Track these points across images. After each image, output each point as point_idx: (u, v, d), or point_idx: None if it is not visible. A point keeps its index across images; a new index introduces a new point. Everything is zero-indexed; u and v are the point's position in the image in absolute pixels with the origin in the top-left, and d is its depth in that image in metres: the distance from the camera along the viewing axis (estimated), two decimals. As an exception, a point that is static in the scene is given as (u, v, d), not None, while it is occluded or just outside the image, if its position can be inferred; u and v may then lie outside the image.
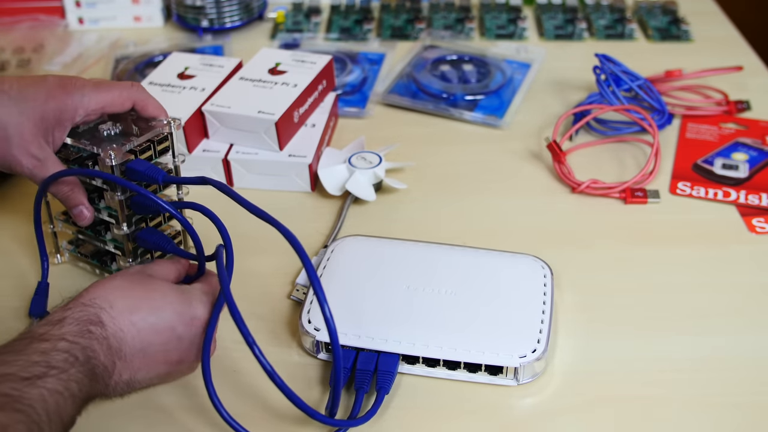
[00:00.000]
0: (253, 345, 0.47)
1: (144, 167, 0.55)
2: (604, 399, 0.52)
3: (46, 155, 0.56)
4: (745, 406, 0.52)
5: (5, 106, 0.55)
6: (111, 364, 0.47)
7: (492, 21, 1.01)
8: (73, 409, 0.43)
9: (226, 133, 0.73)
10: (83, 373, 0.44)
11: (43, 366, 0.43)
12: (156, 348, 0.49)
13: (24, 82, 0.57)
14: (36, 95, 0.56)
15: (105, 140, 0.57)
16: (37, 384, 0.41)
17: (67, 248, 0.63)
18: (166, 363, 0.50)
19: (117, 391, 0.48)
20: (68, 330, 0.45)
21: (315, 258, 0.63)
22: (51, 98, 0.56)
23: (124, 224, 0.57)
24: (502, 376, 0.53)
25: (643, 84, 0.78)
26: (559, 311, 0.58)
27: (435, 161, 0.75)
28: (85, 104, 0.57)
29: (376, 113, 0.83)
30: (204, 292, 0.52)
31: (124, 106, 0.58)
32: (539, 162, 0.75)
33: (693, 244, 0.65)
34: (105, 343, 0.46)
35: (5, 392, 0.40)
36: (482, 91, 0.85)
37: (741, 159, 0.75)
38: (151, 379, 0.50)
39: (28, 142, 0.56)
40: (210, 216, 0.53)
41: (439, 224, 0.68)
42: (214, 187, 0.54)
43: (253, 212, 0.52)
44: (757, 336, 0.57)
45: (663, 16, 1.01)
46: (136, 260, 0.59)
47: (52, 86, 0.57)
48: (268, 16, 1.03)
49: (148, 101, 0.59)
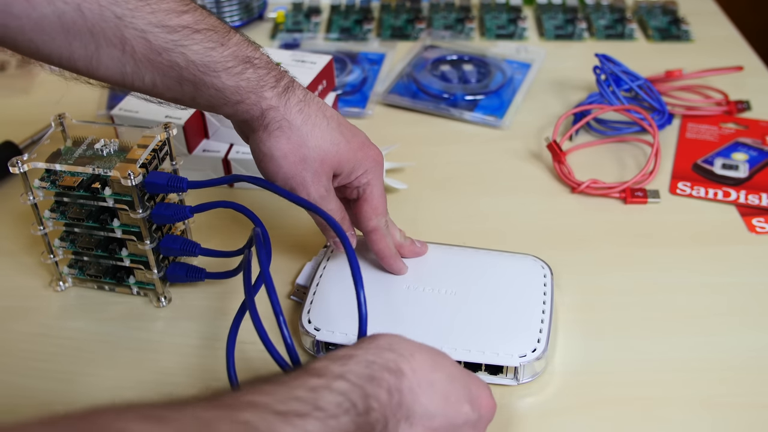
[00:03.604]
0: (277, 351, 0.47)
1: (165, 179, 0.55)
2: (604, 399, 0.53)
3: (331, 190, 0.55)
4: (745, 406, 0.52)
5: (322, 130, 0.54)
6: (394, 423, 0.38)
7: (492, 21, 1.01)
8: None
9: (226, 133, 0.73)
10: (356, 427, 0.36)
11: (307, 404, 0.35)
12: (440, 421, 0.41)
13: (345, 122, 0.56)
14: (351, 139, 0.55)
15: (107, 159, 0.56)
16: (293, 422, 0.34)
17: (70, 273, 0.61)
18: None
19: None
20: (353, 369, 0.38)
21: (315, 258, 0.63)
22: (358, 150, 0.55)
23: (148, 239, 0.56)
24: (502, 376, 0.53)
25: (643, 84, 0.78)
26: (559, 311, 0.58)
27: (435, 161, 0.75)
28: (360, 178, 0.56)
29: (376, 113, 0.83)
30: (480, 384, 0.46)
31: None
32: (539, 162, 0.75)
33: (693, 244, 0.65)
34: (398, 396, 0.39)
35: (248, 420, 0.33)
36: (482, 91, 0.85)
37: (741, 159, 0.75)
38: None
39: (321, 173, 0.54)
40: (242, 211, 0.55)
41: (439, 224, 0.68)
42: (249, 182, 0.55)
43: (296, 202, 0.54)
44: (757, 336, 0.57)
45: (663, 16, 1.01)
46: (161, 271, 0.58)
47: (364, 141, 0.56)
48: (268, 16, 1.03)
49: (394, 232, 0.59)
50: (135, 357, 0.56)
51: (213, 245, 0.59)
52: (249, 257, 0.53)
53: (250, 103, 0.52)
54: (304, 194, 0.54)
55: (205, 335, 0.58)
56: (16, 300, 0.61)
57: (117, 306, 0.60)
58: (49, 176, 0.57)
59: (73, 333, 0.58)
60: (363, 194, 0.57)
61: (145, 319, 0.59)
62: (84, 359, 0.56)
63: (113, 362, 0.56)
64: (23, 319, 0.59)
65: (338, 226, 0.52)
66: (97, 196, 0.56)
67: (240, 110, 0.53)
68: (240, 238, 0.58)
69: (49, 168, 0.56)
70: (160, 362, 0.56)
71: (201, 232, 0.65)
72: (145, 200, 0.55)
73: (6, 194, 0.72)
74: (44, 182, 0.57)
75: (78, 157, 0.57)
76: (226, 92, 0.52)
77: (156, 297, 0.60)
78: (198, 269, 0.59)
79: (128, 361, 0.56)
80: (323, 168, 0.54)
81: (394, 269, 0.58)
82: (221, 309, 0.60)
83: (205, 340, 0.57)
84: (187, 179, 0.56)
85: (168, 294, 0.60)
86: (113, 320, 0.59)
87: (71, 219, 0.58)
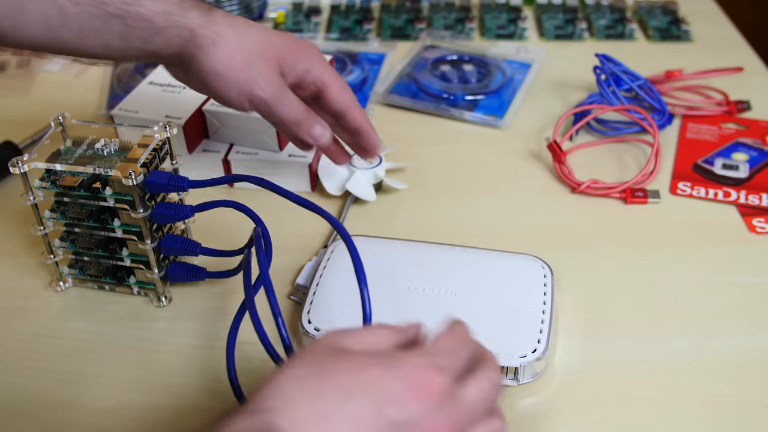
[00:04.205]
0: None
1: (166, 178, 0.55)
2: (604, 399, 0.52)
3: (284, 85, 0.56)
4: (745, 407, 0.52)
5: (254, 34, 0.56)
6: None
7: (492, 21, 1.01)
8: None
9: (226, 133, 0.73)
10: None
11: None
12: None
13: (272, 29, 0.58)
14: (282, 36, 0.57)
15: (107, 159, 0.56)
16: None
17: (70, 273, 0.61)
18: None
19: None
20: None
21: (315, 258, 0.63)
22: (293, 44, 0.58)
23: (148, 239, 0.56)
24: (503, 376, 0.53)
25: (643, 84, 0.78)
26: (559, 311, 0.58)
27: (435, 161, 0.75)
28: (310, 70, 0.58)
29: (376, 113, 0.83)
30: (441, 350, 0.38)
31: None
32: (539, 162, 0.75)
33: (693, 244, 0.65)
34: None
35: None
36: (482, 91, 0.85)
37: (741, 159, 0.75)
38: None
39: (268, 69, 0.55)
40: (243, 210, 0.56)
41: (439, 224, 0.68)
42: (249, 182, 0.55)
43: (298, 202, 0.55)
44: (757, 336, 0.57)
45: (663, 16, 1.01)
46: (162, 271, 0.58)
47: (294, 38, 0.59)
48: (268, 16, 1.03)
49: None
50: (135, 357, 0.56)
51: (212, 245, 0.59)
52: (249, 257, 0.53)
53: (180, 27, 0.54)
54: (261, 93, 0.55)
55: (206, 335, 0.58)
56: (16, 300, 0.61)
57: (117, 306, 0.60)
58: (50, 176, 0.57)
59: (74, 333, 0.58)
60: (322, 85, 0.59)
61: (146, 318, 0.59)
62: (84, 359, 0.56)
63: (114, 362, 0.56)
64: (23, 318, 0.59)
65: (337, 222, 0.52)
66: (98, 196, 0.56)
67: (171, 37, 0.54)
68: (240, 238, 0.58)
69: (49, 168, 0.56)
70: (160, 362, 0.56)
71: (200, 232, 0.64)
72: (146, 200, 0.55)
73: (6, 194, 0.72)
74: (44, 182, 0.57)
75: (78, 157, 0.57)
76: (153, 20, 0.53)
77: (156, 297, 0.60)
78: (199, 269, 0.59)
79: (129, 360, 0.56)
80: (269, 64, 0.55)
81: (375, 140, 0.61)
82: (222, 309, 0.60)
83: (206, 340, 0.57)
84: (188, 178, 0.56)
85: (168, 294, 0.60)
86: (114, 320, 0.59)
87: (72, 219, 0.57)
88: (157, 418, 0.52)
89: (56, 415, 0.52)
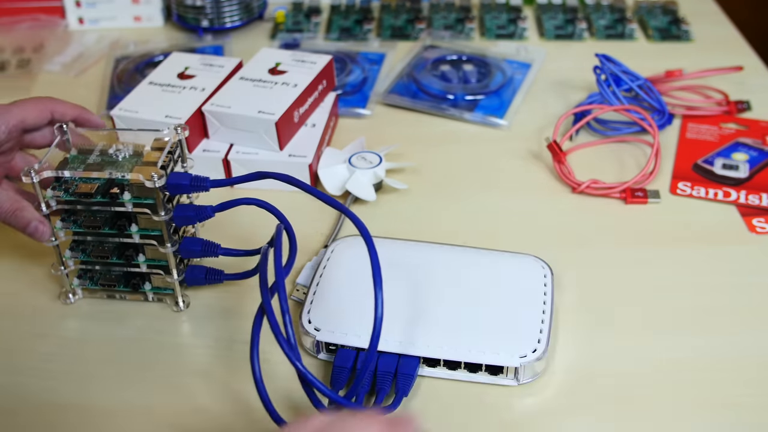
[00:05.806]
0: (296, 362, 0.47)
1: (188, 179, 0.54)
2: (605, 399, 0.52)
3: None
4: (745, 407, 0.52)
5: None
6: None
7: (492, 21, 1.01)
8: None
9: (226, 133, 0.73)
10: None
11: None
12: None
13: None
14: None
15: (122, 163, 0.55)
16: None
17: (81, 284, 0.60)
18: None
19: None
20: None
21: (315, 258, 0.63)
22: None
23: (169, 243, 0.55)
24: (503, 376, 0.53)
25: (643, 84, 0.78)
26: (559, 311, 0.58)
27: (435, 161, 0.75)
28: (7, 120, 0.58)
29: (376, 113, 0.83)
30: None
31: (42, 117, 0.59)
32: (539, 162, 0.75)
33: (693, 244, 0.65)
34: None
35: None
36: (482, 91, 0.85)
37: (741, 159, 0.75)
38: None
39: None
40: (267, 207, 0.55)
41: (439, 224, 0.68)
42: (275, 179, 0.54)
43: (324, 200, 0.54)
44: (757, 336, 0.57)
45: (663, 16, 1.01)
46: (180, 275, 0.58)
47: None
48: (268, 16, 1.03)
49: (67, 108, 0.60)
50: (151, 360, 0.56)
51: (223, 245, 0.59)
52: (265, 258, 0.51)
53: None
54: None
55: (223, 337, 0.58)
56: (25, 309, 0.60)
57: (132, 313, 0.60)
58: (61, 185, 0.55)
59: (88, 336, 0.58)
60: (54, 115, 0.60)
61: (163, 323, 0.59)
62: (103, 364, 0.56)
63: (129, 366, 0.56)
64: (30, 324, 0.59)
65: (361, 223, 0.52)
66: (116, 202, 0.54)
67: None
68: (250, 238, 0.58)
69: (59, 176, 0.55)
70: (177, 366, 0.55)
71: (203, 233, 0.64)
72: (165, 202, 0.55)
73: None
74: (57, 191, 0.55)
75: (89, 164, 0.56)
76: None
77: (174, 301, 0.59)
78: (216, 271, 0.59)
79: (144, 364, 0.56)
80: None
81: (96, 122, 0.62)
82: (238, 310, 0.60)
83: (224, 342, 0.57)
84: (209, 178, 0.55)
85: (186, 298, 0.60)
86: (129, 326, 0.59)
87: (86, 227, 0.56)
88: (160, 420, 0.52)
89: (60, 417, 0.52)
